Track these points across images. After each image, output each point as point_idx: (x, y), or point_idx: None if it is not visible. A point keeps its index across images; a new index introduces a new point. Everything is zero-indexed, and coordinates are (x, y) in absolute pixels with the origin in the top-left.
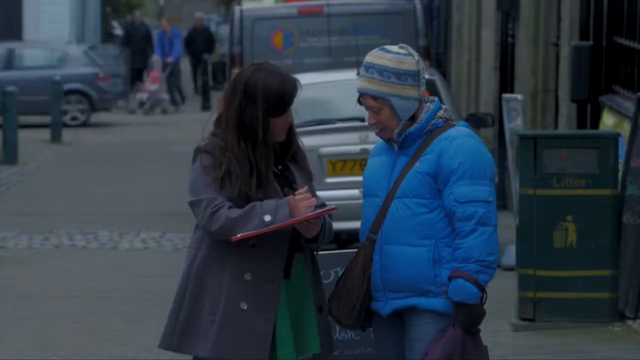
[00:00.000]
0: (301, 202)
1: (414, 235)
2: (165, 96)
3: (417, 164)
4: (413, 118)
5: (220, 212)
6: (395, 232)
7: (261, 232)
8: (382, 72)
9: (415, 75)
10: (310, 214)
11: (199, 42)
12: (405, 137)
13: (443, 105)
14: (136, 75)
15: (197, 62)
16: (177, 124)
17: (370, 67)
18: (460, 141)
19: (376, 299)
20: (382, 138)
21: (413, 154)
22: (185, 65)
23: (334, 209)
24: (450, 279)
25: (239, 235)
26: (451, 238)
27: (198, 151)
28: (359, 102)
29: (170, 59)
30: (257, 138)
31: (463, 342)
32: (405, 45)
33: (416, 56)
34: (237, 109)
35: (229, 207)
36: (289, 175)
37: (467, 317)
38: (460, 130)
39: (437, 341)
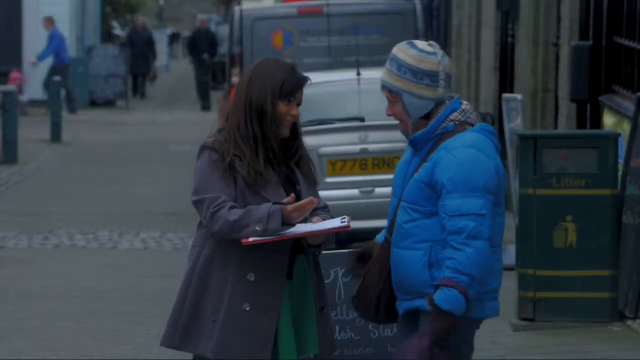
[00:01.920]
0: (295, 213)
1: (411, 239)
2: (23, 98)
3: (420, 170)
4: (428, 117)
5: (220, 213)
6: (398, 236)
7: (272, 240)
8: (401, 67)
9: (433, 75)
10: (323, 228)
11: (203, 45)
12: (413, 141)
13: (462, 106)
14: (139, 80)
15: (200, 65)
16: (177, 124)
17: (392, 60)
18: (456, 152)
19: (398, 298)
20: (402, 133)
21: (423, 158)
22: (186, 66)
23: (347, 227)
24: (439, 286)
25: (250, 241)
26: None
27: (204, 148)
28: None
29: (34, 59)
30: (265, 113)
31: (431, 354)
32: (434, 44)
33: (441, 56)
34: (245, 89)
35: (230, 208)
36: (293, 177)
37: (447, 326)
38: (463, 140)
39: (401, 354)
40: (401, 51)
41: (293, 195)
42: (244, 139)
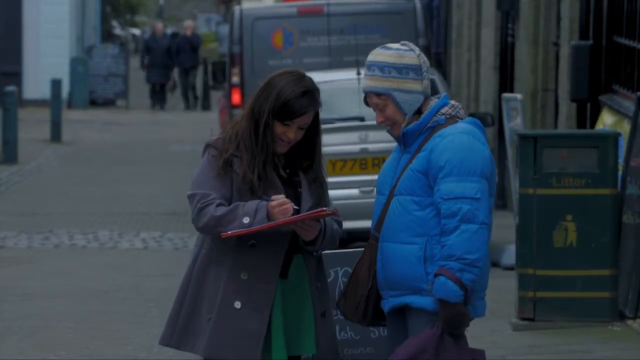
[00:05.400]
0: (277, 208)
1: (407, 232)
2: None
3: (413, 161)
4: (420, 113)
5: (207, 208)
6: (391, 230)
7: (250, 231)
8: (383, 68)
9: (417, 69)
10: (299, 215)
11: (187, 53)
12: (405, 134)
13: (451, 102)
14: (158, 91)
15: (184, 73)
16: (177, 124)
17: (371, 65)
18: (451, 138)
19: (382, 296)
20: (393, 137)
21: (414, 152)
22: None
23: (322, 210)
24: (435, 275)
25: (229, 233)
26: None
27: (207, 146)
28: (366, 103)
29: None
30: (258, 128)
31: (441, 342)
32: (406, 42)
33: (417, 51)
34: (254, 96)
35: (218, 205)
36: (297, 181)
37: (449, 315)
38: (457, 127)
39: (411, 339)
40: (378, 55)
41: (282, 196)
42: (245, 144)
